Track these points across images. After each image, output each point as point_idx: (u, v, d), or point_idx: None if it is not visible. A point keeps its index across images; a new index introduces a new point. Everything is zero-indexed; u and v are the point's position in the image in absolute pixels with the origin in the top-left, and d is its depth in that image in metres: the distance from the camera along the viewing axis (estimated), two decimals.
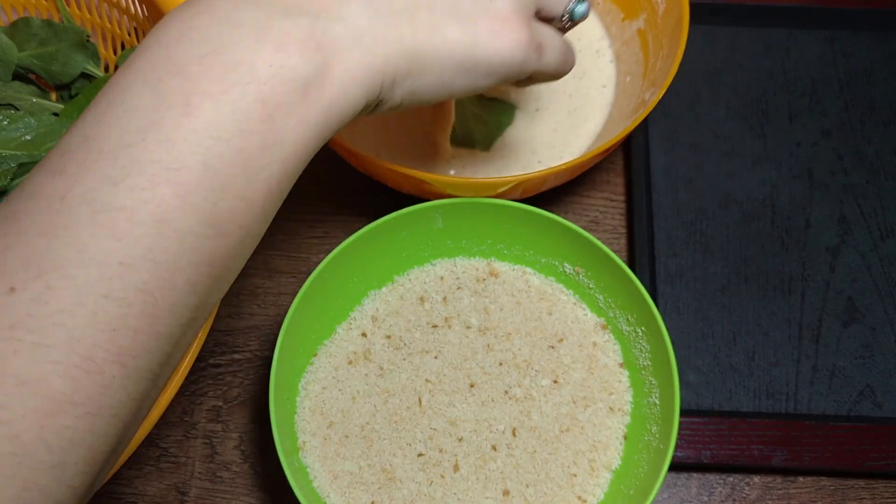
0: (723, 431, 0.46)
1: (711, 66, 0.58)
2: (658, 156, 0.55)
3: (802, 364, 0.49)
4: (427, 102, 0.32)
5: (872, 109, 0.56)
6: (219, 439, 0.48)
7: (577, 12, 0.35)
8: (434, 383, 0.44)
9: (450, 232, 0.46)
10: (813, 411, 0.48)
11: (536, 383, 0.44)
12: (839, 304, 0.51)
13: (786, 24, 0.59)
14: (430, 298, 0.46)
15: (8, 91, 0.47)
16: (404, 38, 0.29)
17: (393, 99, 0.30)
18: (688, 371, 0.49)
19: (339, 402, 0.43)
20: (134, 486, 0.47)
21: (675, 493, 0.47)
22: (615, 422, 0.43)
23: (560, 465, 0.42)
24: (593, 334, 0.45)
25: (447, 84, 0.31)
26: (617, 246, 0.53)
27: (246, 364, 0.50)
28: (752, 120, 0.56)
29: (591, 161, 0.44)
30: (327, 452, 0.42)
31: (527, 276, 0.47)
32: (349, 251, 0.43)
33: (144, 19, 0.45)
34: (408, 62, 0.29)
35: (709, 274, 0.52)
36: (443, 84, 0.31)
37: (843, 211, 0.53)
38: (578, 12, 0.35)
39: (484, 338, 0.45)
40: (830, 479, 0.48)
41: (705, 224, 0.53)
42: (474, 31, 0.30)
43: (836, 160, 0.55)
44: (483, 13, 0.30)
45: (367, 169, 0.45)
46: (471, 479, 0.42)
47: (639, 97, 0.49)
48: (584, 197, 0.55)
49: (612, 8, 0.54)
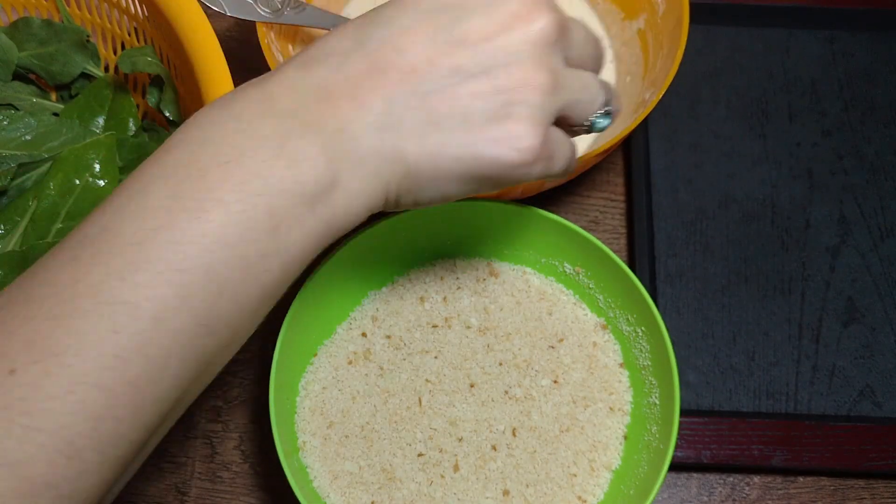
0: (723, 431, 0.46)
1: (711, 66, 0.58)
2: (658, 156, 0.55)
3: (802, 364, 0.49)
4: (429, 205, 0.32)
5: (872, 109, 0.56)
6: (219, 439, 0.48)
7: (599, 125, 0.34)
8: (434, 383, 0.44)
9: (450, 232, 0.46)
10: (813, 411, 0.48)
11: (536, 383, 0.44)
12: (839, 304, 0.51)
13: (786, 24, 0.59)
14: (430, 298, 0.46)
15: (8, 91, 0.47)
16: (409, 160, 0.29)
17: (396, 208, 0.31)
18: (688, 371, 0.49)
19: (339, 402, 0.43)
20: (134, 485, 0.47)
21: (675, 493, 0.47)
22: (615, 422, 0.43)
23: (560, 465, 0.42)
24: (593, 334, 0.45)
25: (449, 194, 0.31)
26: (617, 246, 0.53)
27: (246, 364, 0.50)
28: (752, 120, 0.56)
29: (591, 161, 0.44)
30: (327, 452, 0.42)
31: (527, 276, 0.47)
32: (349, 251, 0.43)
33: (144, 19, 0.45)
34: (411, 181, 0.30)
35: (709, 274, 0.52)
36: (444, 195, 0.31)
37: (843, 211, 0.53)
38: (600, 125, 0.34)
39: (484, 338, 0.45)
40: (830, 479, 0.48)
41: (705, 224, 0.53)
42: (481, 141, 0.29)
43: (836, 160, 0.55)
44: (497, 121, 0.29)
45: None
46: (471, 479, 0.42)
47: (639, 97, 0.49)
48: (584, 197, 0.55)
49: (612, 8, 0.54)
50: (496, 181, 0.31)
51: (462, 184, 0.30)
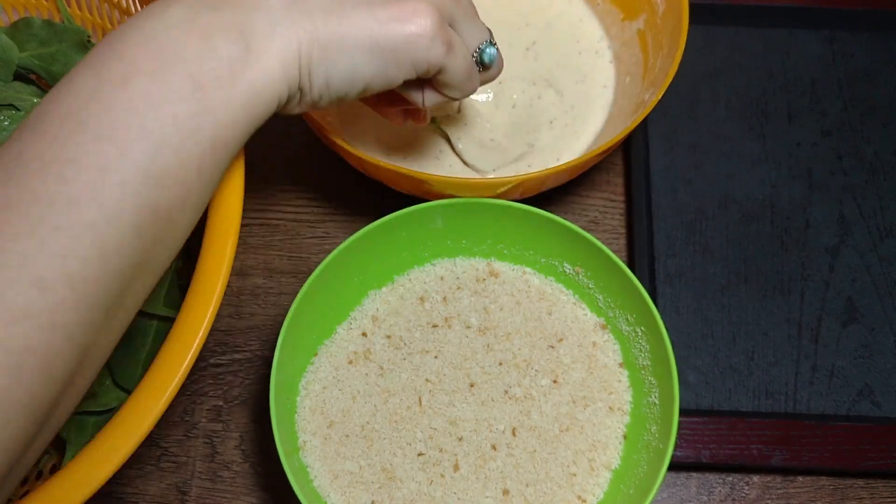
0: (722, 431, 0.46)
1: (711, 66, 0.58)
2: (658, 156, 0.55)
3: (802, 364, 0.49)
4: (345, 95, 0.34)
5: (872, 109, 0.57)
6: (219, 439, 0.49)
7: (488, 54, 0.38)
8: (434, 383, 0.44)
9: (450, 232, 0.46)
10: (812, 411, 0.48)
11: (536, 383, 0.44)
12: (838, 304, 0.51)
13: (786, 24, 0.59)
14: (430, 298, 0.46)
15: (9, 91, 0.47)
16: (317, 28, 0.32)
17: (312, 90, 0.33)
18: (687, 371, 0.49)
19: (339, 402, 0.43)
20: (135, 485, 0.47)
21: (675, 493, 0.47)
22: (615, 421, 0.43)
23: (560, 464, 0.42)
24: (593, 334, 0.45)
25: (359, 71, 0.33)
26: (616, 246, 0.53)
27: (246, 364, 0.50)
28: (751, 120, 0.56)
29: (591, 161, 0.44)
30: (327, 452, 0.42)
31: (527, 276, 0.47)
32: (349, 251, 0.43)
33: None
34: (320, 49, 0.32)
35: (708, 274, 0.52)
36: (354, 71, 0.33)
37: (843, 211, 0.53)
38: (489, 54, 0.38)
39: (484, 338, 0.45)
40: (829, 478, 0.48)
41: (705, 224, 0.53)
42: (382, 16, 0.32)
43: (835, 160, 0.55)
44: (396, 2, 0.33)
45: (367, 169, 0.45)
46: (471, 478, 0.42)
47: (638, 97, 0.49)
48: (584, 197, 0.55)
49: (612, 8, 0.54)
50: (400, 57, 0.33)
51: (370, 57, 0.33)
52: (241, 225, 0.36)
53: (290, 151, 0.56)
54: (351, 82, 0.33)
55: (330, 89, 0.33)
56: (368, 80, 0.34)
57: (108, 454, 0.31)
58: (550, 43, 0.54)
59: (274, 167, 0.56)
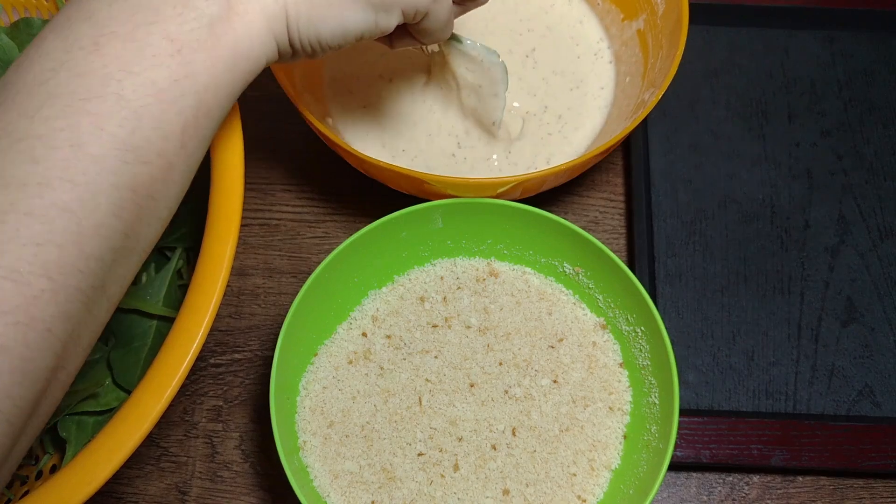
0: (722, 431, 0.46)
1: (711, 66, 0.58)
2: (657, 156, 0.55)
3: (801, 364, 0.49)
4: (339, 47, 0.33)
5: (872, 110, 0.57)
6: (219, 439, 0.49)
7: None
8: (434, 383, 0.44)
9: (450, 232, 0.46)
10: (812, 411, 0.48)
11: (536, 383, 0.44)
12: (838, 304, 0.51)
13: (785, 24, 0.59)
14: (430, 298, 0.46)
15: None
16: None
17: (304, 46, 0.32)
18: (687, 371, 0.49)
19: (339, 402, 0.43)
20: (135, 485, 0.47)
21: (675, 493, 0.47)
22: (615, 421, 0.43)
23: (560, 464, 0.42)
24: (593, 334, 0.45)
25: (350, 24, 0.32)
26: (616, 246, 0.53)
27: (246, 364, 0.50)
28: (751, 120, 0.56)
29: (591, 161, 0.44)
30: (327, 452, 0.42)
31: (527, 276, 0.47)
32: (349, 251, 0.43)
33: None
34: (307, 4, 0.31)
35: (708, 274, 0.52)
36: (345, 24, 0.32)
37: (842, 211, 0.53)
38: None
39: (484, 338, 0.45)
40: (829, 478, 0.48)
41: (705, 224, 0.53)
42: None
43: (835, 160, 0.55)
44: None
45: (367, 169, 0.45)
46: (471, 478, 0.42)
47: (638, 98, 0.49)
48: (583, 197, 0.55)
49: (612, 8, 0.54)
50: (389, 5, 0.32)
51: (358, 7, 0.32)
52: (241, 225, 0.36)
53: (290, 151, 0.56)
54: (343, 36, 0.32)
55: (322, 43, 0.32)
56: (361, 31, 0.33)
57: (108, 454, 0.31)
58: (549, 48, 0.54)
59: (274, 167, 0.56)
